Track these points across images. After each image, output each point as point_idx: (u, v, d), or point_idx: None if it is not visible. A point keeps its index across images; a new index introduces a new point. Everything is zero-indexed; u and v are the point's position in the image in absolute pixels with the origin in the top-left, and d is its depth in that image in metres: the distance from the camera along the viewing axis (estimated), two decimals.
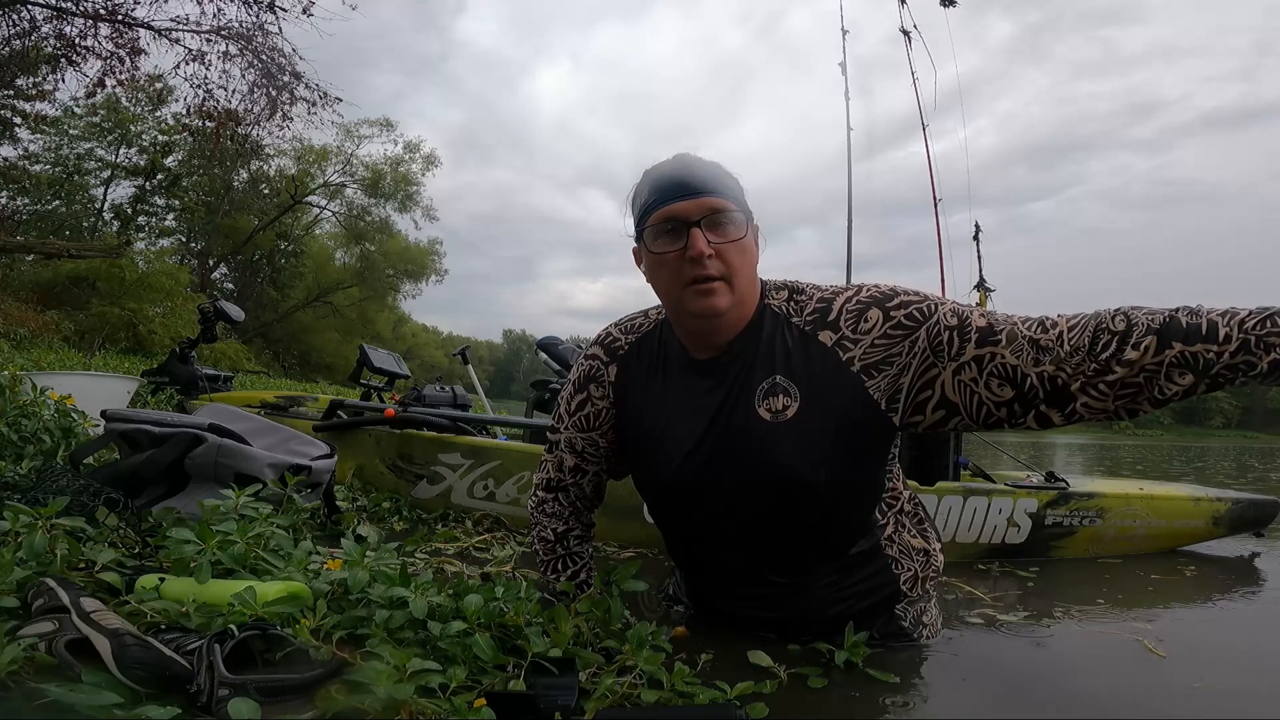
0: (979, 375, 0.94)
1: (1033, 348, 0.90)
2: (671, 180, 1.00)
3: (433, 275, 26.43)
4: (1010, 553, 2.00)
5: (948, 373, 0.95)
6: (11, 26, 8.99)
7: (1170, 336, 0.82)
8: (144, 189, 20.75)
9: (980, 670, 1.07)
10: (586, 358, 1.19)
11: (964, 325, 0.95)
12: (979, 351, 0.93)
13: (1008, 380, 0.92)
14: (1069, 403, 0.89)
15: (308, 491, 1.58)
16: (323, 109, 10.60)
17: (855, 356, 0.99)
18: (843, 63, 5.78)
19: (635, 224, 1.06)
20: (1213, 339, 0.80)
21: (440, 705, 0.74)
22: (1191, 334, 0.81)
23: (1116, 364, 0.85)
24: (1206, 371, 0.81)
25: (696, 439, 1.06)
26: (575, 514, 1.25)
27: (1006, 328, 0.93)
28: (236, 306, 4.35)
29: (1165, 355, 0.82)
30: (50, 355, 9.02)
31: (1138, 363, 0.84)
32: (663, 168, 1.04)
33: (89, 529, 1.12)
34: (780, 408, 1.00)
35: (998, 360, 0.92)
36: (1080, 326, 0.88)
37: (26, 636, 0.77)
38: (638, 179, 1.07)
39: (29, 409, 2.06)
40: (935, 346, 0.96)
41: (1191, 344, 0.81)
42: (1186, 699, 1.02)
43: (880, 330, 0.98)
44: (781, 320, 1.05)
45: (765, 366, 1.03)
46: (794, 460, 0.99)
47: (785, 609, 1.11)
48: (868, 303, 1.00)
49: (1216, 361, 0.80)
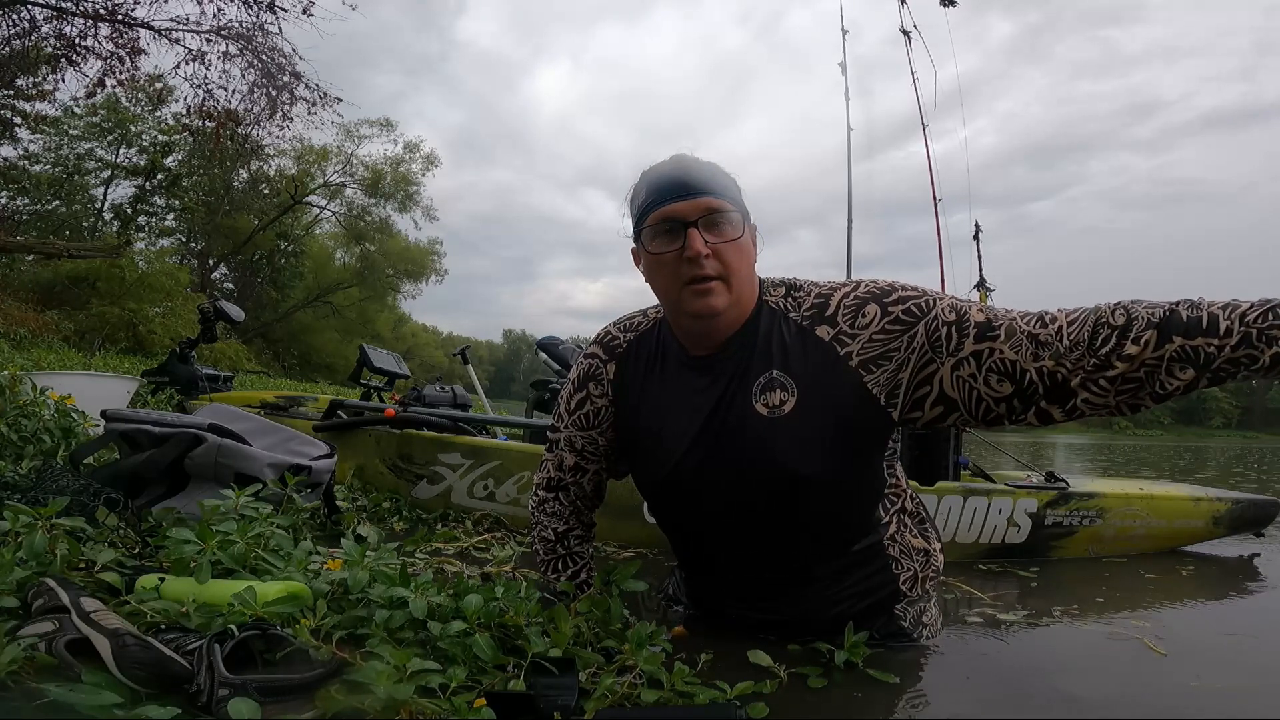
0: (977, 371, 0.93)
1: (1032, 343, 0.89)
2: (669, 181, 1.01)
3: (433, 275, 26.45)
4: (1010, 553, 2.00)
5: (946, 368, 0.95)
6: (11, 26, 8.99)
7: (1171, 330, 0.81)
8: (144, 189, 20.75)
9: (980, 670, 1.07)
10: (586, 356, 1.19)
11: (962, 320, 0.94)
12: (977, 347, 0.93)
13: (1007, 376, 0.91)
14: (1070, 399, 0.89)
15: (308, 491, 1.58)
16: (323, 109, 10.61)
17: (854, 351, 0.99)
18: (843, 63, 5.79)
19: (634, 225, 1.07)
20: (1214, 332, 0.79)
21: (440, 705, 0.74)
22: (1192, 328, 0.80)
23: (1117, 359, 0.84)
24: (1208, 365, 0.80)
25: (694, 435, 1.06)
26: (575, 513, 1.25)
27: (1005, 323, 0.92)
28: (236, 306, 4.34)
29: (1166, 350, 0.81)
30: (50, 355, 9.03)
31: (1138, 357, 0.83)
32: (660, 169, 1.04)
33: (89, 529, 1.13)
34: (777, 403, 1.00)
35: (996, 356, 0.91)
36: (1080, 321, 0.87)
37: (26, 636, 0.77)
38: (636, 180, 1.07)
39: (29, 409, 2.06)
40: (934, 342, 0.95)
41: (1192, 338, 0.80)
42: (1186, 698, 1.02)
43: (879, 325, 0.98)
44: (779, 316, 1.05)
45: (762, 362, 1.03)
46: (792, 455, 0.99)
47: (785, 609, 1.11)
48: (866, 298, 1.00)
49: (1218, 355, 0.79)
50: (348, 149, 22.95)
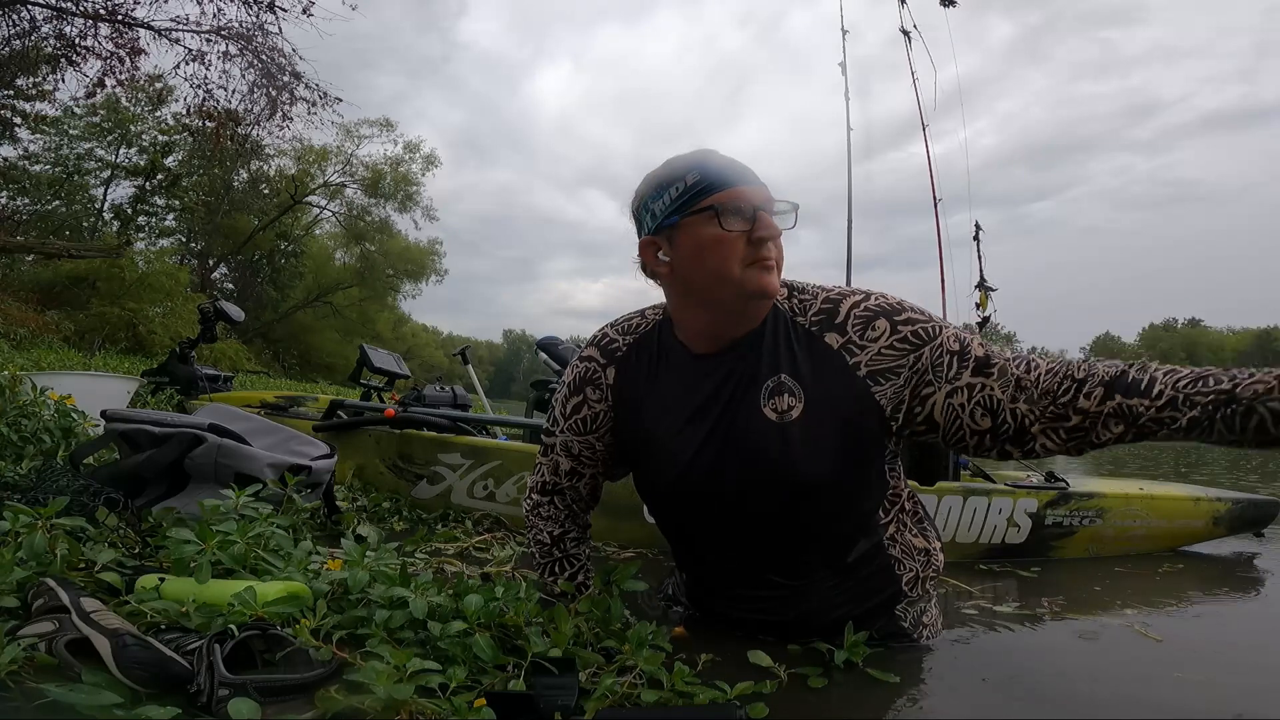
0: (967, 402, 0.98)
1: (1016, 386, 0.96)
2: (729, 165, 1.01)
3: (433, 275, 26.49)
4: (1010, 553, 2.00)
5: (941, 394, 0.99)
6: (11, 26, 9.00)
7: (1115, 389, 0.89)
8: (144, 189, 20.76)
9: (980, 670, 1.07)
10: (581, 360, 1.17)
11: (964, 352, 0.99)
12: (973, 380, 0.97)
13: (990, 412, 0.97)
14: (1030, 442, 0.96)
15: (308, 491, 1.58)
16: (323, 109, 10.62)
17: (862, 361, 1.00)
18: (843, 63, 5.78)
19: (674, 208, 1.01)
20: (1147, 394, 0.87)
21: (440, 705, 0.74)
22: (1132, 388, 0.88)
23: (1072, 411, 0.92)
24: (1135, 422, 0.88)
25: (701, 439, 1.05)
26: (571, 516, 1.24)
27: (1000, 362, 0.97)
28: (236, 306, 4.35)
29: (1107, 405, 0.90)
30: (50, 355, 9.02)
31: (1087, 411, 0.91)
32: (711, 155, 1.03)
33: (89, 529, 1.13)
34: (785, 407, 1.01)
35: (986, 391, 0.97)
36: (1053, 371, 0.95)
37: (26, 636, 0.77)
38: (660, 171, 1.04)
39: (29, 409, 2.06)
40: (935, 367, 0.99)
41: (1130, 397, 0.88)
42: (1186, 697, 1.02)
43: (887, 341, 1.00)
44: (784, 318, 1.05)
45: (770, 365, 1.03)
46: (800, 460, 0.99)
47: (788, 611, 1.11)
48: (876, 311, 1.02)
49: (1144, 414, 0.87)
50: (348, 149, 23.01)
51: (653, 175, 1.06)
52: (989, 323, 4.26)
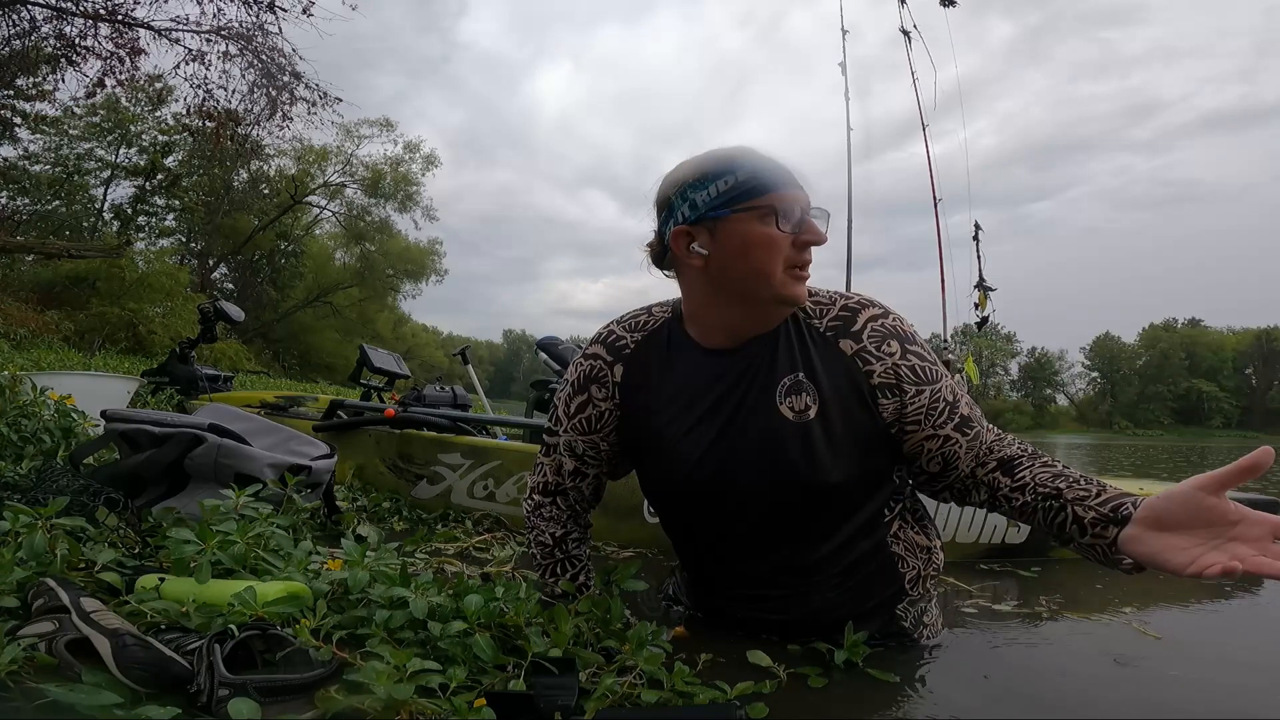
0: (934, 450, 1.04)
1: (976, 455, 1.05)
2: (782, 168, 1.01)
3: (433, 275, 26.51)
4: (1010, 552, 2.00)
5: (922, 434, 1.03)
6: (11, 26, 9.00)
7: (1006, 470, 1.03)
8: (144, 189, 20.76)
9: (980, 670, 1.07)
10: (586, 357, 1.15)
11: (954, 405, 1.04)
12: (951, 434, 1.03)
13: (947, 465, 1.05)
14: (944, 493, 1.10)
15: (308, 491, 1.58)
16: (323, 109, 10.63)
17: (875, 372, 1.01)
18: (843, 63, 5.79)
19: (723, 200, 0.99)
20: (1017, 481, 1.01)
21: (440, 705, 0.74)
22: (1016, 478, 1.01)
23: (979, 481, 1.05)
24: (993, 495, 1.03)
25: (712, 437, 1.04)
26: (573, 517, 1.24)
27: (978, 428, 1.05)
28: (236, 306, 4.35)
29: (992, 478, 1.03)
30: (50, 355, 9.03)
31: (984, 484, 1.05)
32: (757, 153, 1.02)
33: (89, 529, 1.13)
34: (802, 407, 1.01)
35: (954, 447, 1.03)
36: (999, 444, 1.05)
37: (26, 636, 0.77)
38: (700, 159, 1.02)
39: (29, 409, 2.06)
40: (930, 410, 1.02)
41: (1005, 477, 1.02)
42: (1187, 697, 1.02)
43: (895, 363, 1.02)
44: (799, 319, 1.05)
45: (787, 363, 1.03)
46: (817, 460, 1.00)
47: (791, 610, 1.10)
48: (892, 332, 1.03)
49: (1005, 503, 1.02)
50: (348, 149, 23.02)
51: (694, 164, 1.02)
52: (988, 322, 4.26)
